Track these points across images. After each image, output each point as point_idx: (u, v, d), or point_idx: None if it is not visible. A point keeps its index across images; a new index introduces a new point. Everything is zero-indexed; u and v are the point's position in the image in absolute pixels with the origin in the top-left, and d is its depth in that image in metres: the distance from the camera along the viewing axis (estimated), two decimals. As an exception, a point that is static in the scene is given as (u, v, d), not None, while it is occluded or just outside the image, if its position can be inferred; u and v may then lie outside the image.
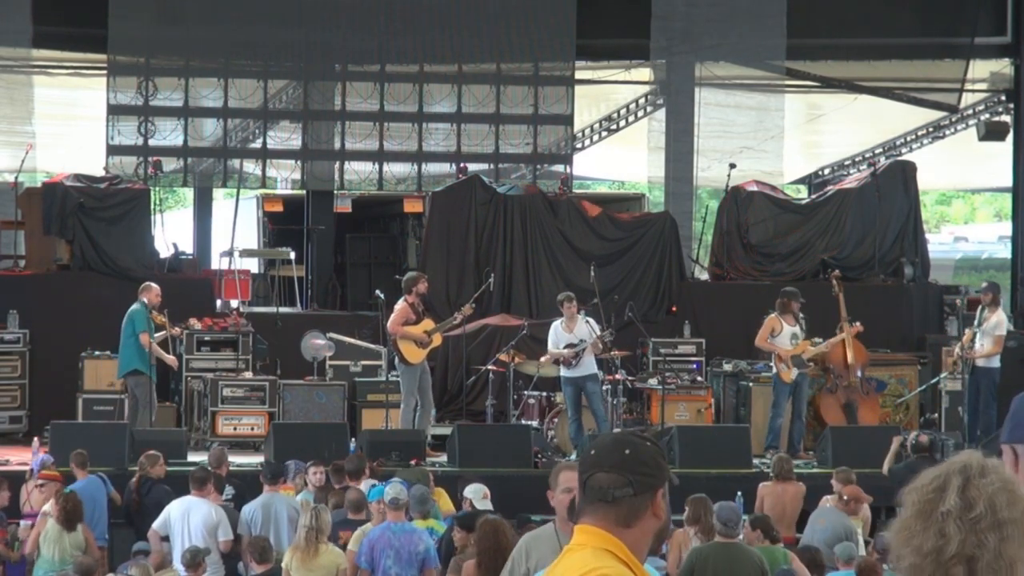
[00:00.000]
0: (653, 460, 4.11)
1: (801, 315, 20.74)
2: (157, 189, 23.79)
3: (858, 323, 20.74)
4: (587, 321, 19.67)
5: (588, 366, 19.63)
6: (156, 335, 19.71)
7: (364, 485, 14.99)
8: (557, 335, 19.71)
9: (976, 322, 20.15)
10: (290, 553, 12.68)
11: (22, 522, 15.53)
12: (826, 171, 30.79)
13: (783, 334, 20.07)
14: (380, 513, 13.19)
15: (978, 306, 20.51)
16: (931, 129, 29.03)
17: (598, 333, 19.49)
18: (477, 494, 14.06)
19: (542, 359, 20.12)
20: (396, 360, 19.72)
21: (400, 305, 19.61)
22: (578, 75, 26.16)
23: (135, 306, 19.36)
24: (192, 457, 18.48)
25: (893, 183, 24.08)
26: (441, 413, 21.36)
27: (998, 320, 20.14)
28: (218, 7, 24.87)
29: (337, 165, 25.46)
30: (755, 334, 22.34)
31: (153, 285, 19.61)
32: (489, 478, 15.32)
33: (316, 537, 12.54)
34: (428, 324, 19.60)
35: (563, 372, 19.69)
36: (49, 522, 14.48)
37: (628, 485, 4.05)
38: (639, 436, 4.22)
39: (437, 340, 19.71)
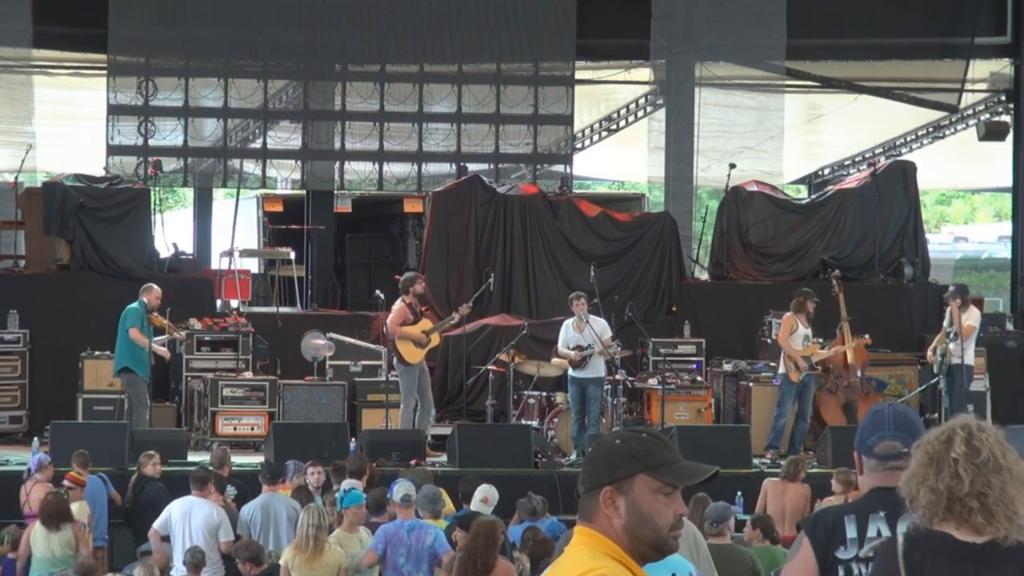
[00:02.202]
0: (605, 458, 4.02)
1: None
2: (157, 189, 23.78)
3: (867, 336, 20.71)
4: (589, 323, 19.67)
5: (596, 369, 19.66)
6: (156, 338, 19.71)
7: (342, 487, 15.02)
8: (567, 334, 19.74)
9: (947, 322, 20.09)
10: (291, 552, 12.68)
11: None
12: (826, 171, 30.79)
13: (797, 334, 20.04)
14: (357, 516, 13.23)
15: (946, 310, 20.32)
16: (931, 129, 29.03)
17: (603, 340, 19.50)
18: (477, 496, 14.07)
19: (554, 360, 20.08)
20: (395, 360, 19.72)
21: (398, 306, 19.61)
22: (578, 75, 26.17)
23: (131, 304, 19.36)
24: (192, 457, 18.47)
25: (893, 183, 24.07)
26: (441, 413, 21.36)
27: (967, 315, 20.08)
28: (218, 7, 24.88)
29: (337, 165, 25.48)
30: (755, 334, 22.40)
31: (154, 287, 19.58)
32: (489, 478, 15.33)
33: (320, 536, 12.55)
34: (426, 324, 19.60)
35: (570, 372, 19.74)
36: (37, 523, 14.47)
37: (583, 481, 4.05)
38: (617, 432, 4.13)
39: (435, 340, 19.72)
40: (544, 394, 20.54)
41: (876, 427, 5.25)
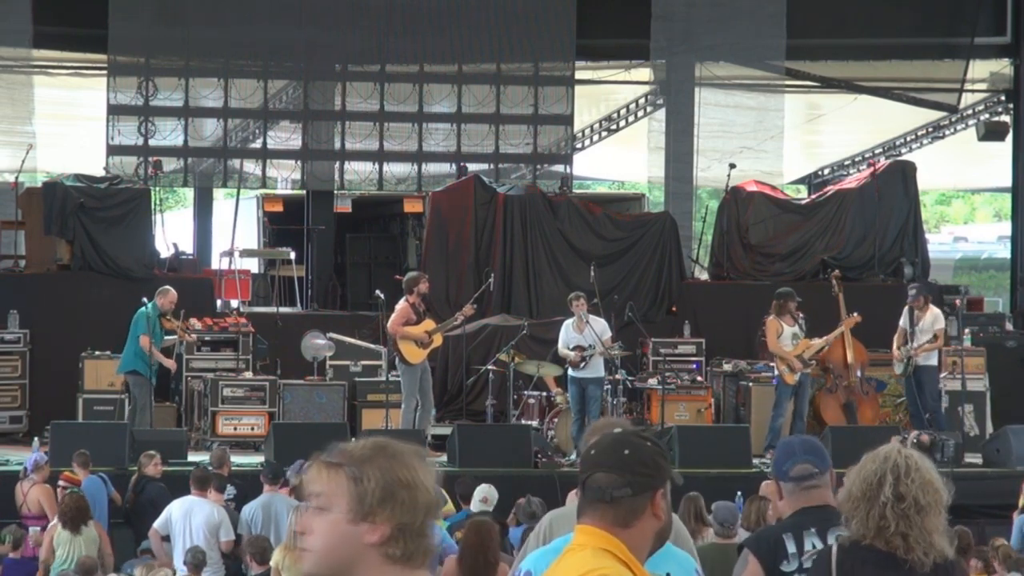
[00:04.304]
0: (652, 460, 4.11)
1: (800, 316, 20.72)
2: (157, 189, 23.78)
3: (856, 314, 20.67)
4: (589, 323, 19.66)
5: (595, 369, 19.65)
6: (167, 339, 19.73)
7: None
8: (567, 335, 19.72)
9: (910, 323, 20.13)
10: (281, 552, 12.66)
11: (31, 528, 15.44)
12: (826, 171, 30.78)
13: (784, 335, 20.05)
14: None
15: (913, 311, 20.33)
16: (931, 129, 29.02)
17: (603, 340, 19.49)
18: (477, 496, 14.07)
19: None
20: (396, 360, 19.71)
21: (401, 305, 19.60)
22: (578, 75, 26.17)
23: (144, 308, 19.37)
24: (192, 457, 18.47)
25: (893, 183, 24.08)
26: (441, 413, 21.36)
27: (934, 317, 20.16)
28: (218, 7, 24.87)
29: (337, 165, 25.47)
30: (755, 334, 22.38)
31: (170, 290, 19.61)
32: (489, 478, 15.34)
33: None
34: (429, 324, 19.58)
35: (570, 372, 19.74)
36: (59, 526, 14.46)
37: (627, 485, 4.06)
38: (639, 436, 4.20)
39: (438, 340, 19.69)
40: (544, 394, 20.54)
41: (788, 455, 6.12)
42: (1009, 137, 27.28)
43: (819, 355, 20.86)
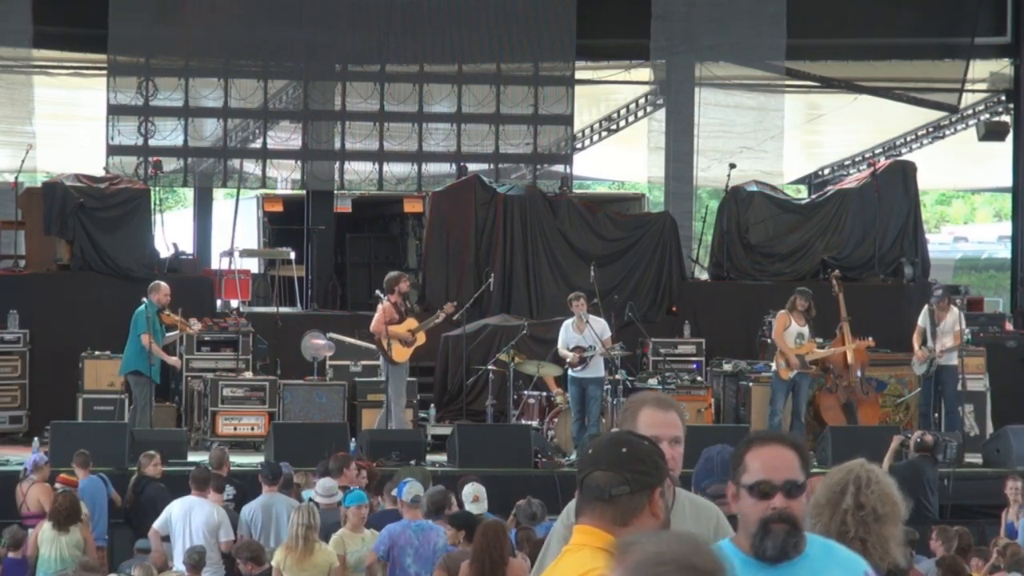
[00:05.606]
0: (650, 459, 4.13)
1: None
2: (157, 189, 23.78)
3: (871, 339, 20.68)
4: (589, 323, 19.65)
5: (595, 369, 19.66)
6: (169, 335, 19.69)
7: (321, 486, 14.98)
8: (567, 335, 19.72)
9: (931, 324, 20.15)
10: (282, 552, 12.66)
11: (30, 529, 15.43)
12: (826, 171, 30.79)
13: (790, 331, 20.07)
14: (359, 516, 13.20)
15: (933, 311, 20.37)
16: (931, 129, 29.03)
17: (603, 340, 19.48)
18: (468, 496, 14.04)
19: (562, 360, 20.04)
20: (382, 360, 19.69)
21: (383, 305, 19.59)
22: (578, 75, 26.17)
23: (141, 306, 19.36)
24: (192, 457, 18.46)
25: (893, 183, 24.08)
26: (441, 413, 21.37)
27: (955, 317, 20.19)
28: (218, 7, 24.88)
29: (337, 165, 25.48)
30: (755, 334, 22.40)
31: (162, 284, 19.57)
32: (489, 478, 15.32)
33: (310, 535, 12.54)
34: (411, 323, 19.58)
35: (570, 372, 19.74)
36: (45, 523, 14.46)
37: (625, 483, 4.07)
38: (637, 435, 4.21)
39: (421, 338, 19.69)
40: (544, 394, 20.53)
41: (708, 473, 6.51)
42: (1009, 137, 27.30)
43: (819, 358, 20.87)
